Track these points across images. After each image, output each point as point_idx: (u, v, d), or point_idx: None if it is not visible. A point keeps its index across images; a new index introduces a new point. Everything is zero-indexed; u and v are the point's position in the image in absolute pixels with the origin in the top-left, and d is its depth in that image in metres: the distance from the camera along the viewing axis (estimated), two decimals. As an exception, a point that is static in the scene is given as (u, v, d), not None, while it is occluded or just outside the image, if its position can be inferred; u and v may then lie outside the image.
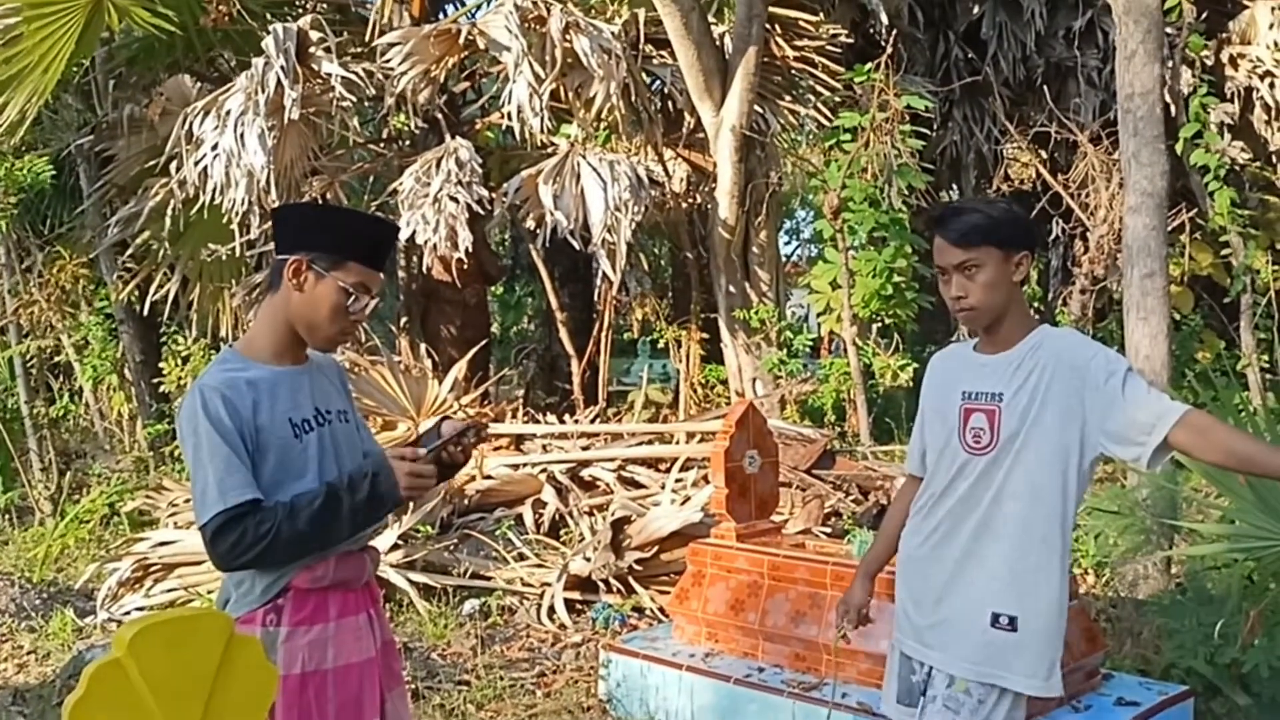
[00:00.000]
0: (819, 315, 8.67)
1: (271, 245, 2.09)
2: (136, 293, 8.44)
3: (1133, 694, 3.55)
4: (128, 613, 5.29)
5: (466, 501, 6.14)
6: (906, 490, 2.51)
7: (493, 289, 12.01)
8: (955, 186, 11.62)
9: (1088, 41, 10.02)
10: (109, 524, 7.10)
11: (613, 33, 7.01)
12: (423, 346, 7.97)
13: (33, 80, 6.70)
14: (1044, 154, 9.79)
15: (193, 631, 1.68)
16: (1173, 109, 7.76)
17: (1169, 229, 5.70)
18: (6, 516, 7.53)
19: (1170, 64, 8.01)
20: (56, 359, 9.59)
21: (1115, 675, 3.74)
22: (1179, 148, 7.69)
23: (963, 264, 2.19)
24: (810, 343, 8.76)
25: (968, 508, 2.24)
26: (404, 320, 8.64)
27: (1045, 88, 9.75)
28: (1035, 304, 10.57)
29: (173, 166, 7.01)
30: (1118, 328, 8.57)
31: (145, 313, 8.45)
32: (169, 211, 7.21)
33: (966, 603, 2.24)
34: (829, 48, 8.40)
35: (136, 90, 8.35)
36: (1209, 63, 8.94)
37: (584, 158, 7.03)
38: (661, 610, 5.03)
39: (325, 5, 8.55)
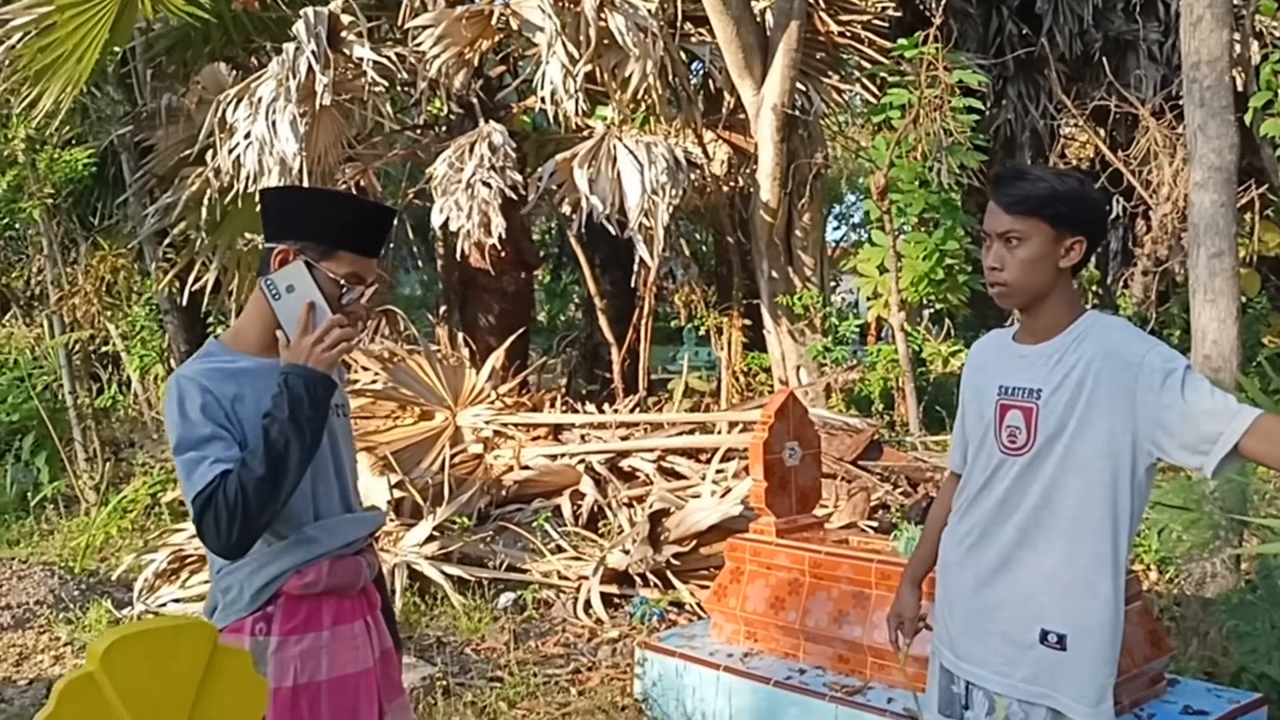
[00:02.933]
0: (868, 300, 8.43)
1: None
2: (178, 283, 8.45)
3: (1201, 701, 3.33)
4: (164, 604, 5.29)
5: (504, 492, 6.06)
6: (948, 488, 2.32)
7: (539, 277, 11.90)
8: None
9: (1148, 14, 9.66)
10: (151, 514, 7.12)
11: (649, 10, 6.84)
12: (460, 335, 7.87)
13: (67, 70, 6.69)
14: (1102, 131, 9.44)
15: (173, 642, 1.58)
16: (1239, 81, 7.39)
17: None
18: (53, 506, 7.59)
19: (1238, 34, 7.62)
20: (105, 349, 9.67)
21: (1181, 680, 3.51)
22: (1247, 119, 7.31)
23: (1006, 233, 1.98)
24: (857, 329, 8.52)
25: (1005, 512, 2.04)
26: (442, 309, 8.56)
27: (1104, 61, 9.38)
28: (1094, 287, 10.22)
29: (208, 155, 6.97)
30: (1181, 311, 8.23)
31: (187, 303, 8.45)
32: (205, 201, 7.19)
33: (1008, 615, 2.04)
34: (876, 22, 8.13)
35: (175, 79, 8.34)
36: (1277, 33, 8.53)
37: (620, 140, 6.87)
38: (700, 605, 4.88)
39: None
